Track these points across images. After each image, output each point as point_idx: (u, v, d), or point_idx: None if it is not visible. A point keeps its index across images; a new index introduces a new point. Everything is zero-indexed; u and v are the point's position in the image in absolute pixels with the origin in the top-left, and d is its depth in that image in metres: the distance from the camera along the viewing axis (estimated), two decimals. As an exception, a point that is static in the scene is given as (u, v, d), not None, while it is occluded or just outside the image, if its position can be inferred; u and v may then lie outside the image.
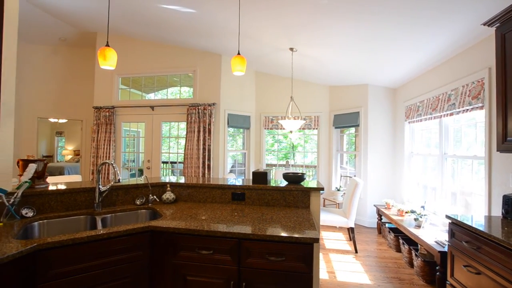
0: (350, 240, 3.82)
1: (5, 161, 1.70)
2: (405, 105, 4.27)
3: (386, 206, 4.03)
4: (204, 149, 4.38)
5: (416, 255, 2.79)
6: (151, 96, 5.23)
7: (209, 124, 4.39)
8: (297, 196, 2.10)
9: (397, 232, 3.58)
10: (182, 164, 4.68)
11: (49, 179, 2.34)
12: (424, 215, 3.06)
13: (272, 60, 4.43)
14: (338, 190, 4.55)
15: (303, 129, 5.24)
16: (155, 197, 2.11)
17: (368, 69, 4.04)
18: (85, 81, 5.35)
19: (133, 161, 5.45)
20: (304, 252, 1.44)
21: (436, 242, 2.56)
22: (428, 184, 3.75)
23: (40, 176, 1.87)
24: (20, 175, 1.81)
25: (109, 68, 2.14)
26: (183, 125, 4.83)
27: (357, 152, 4.84)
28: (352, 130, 5.17)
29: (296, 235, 1.44)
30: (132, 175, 5.40)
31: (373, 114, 4.60)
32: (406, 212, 3.54)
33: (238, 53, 2.34)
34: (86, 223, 1.81)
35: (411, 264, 3.00)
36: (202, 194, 2.22)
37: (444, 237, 2.63)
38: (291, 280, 1.43)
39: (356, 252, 3.40)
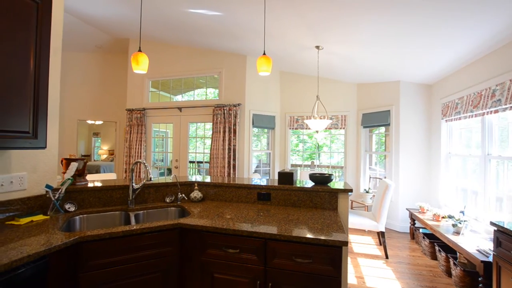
0: (380, 244, 3.65)
1: (51, 160, 1.85)
2: (441, 102, 3.98)
3: (420, 210, 3.80)
4: (229, 149, 4.44)
5: (454, 263, 2.59)
6: (179, 97, 5.42)
7: (234, 125, 4.44)
8: (324, 197, 2.04)
9: (433, 238, 3.35)
10: (208, 164, 4.79)
11: (88, 177, 2.52)
12: (464, 221, 2.83)
13: (297, 59, 4.37)
14: (367, 192, 4.37)
15: (329, 128, 5.11)
16: (183, 195, 2.17)
17: (400, 65, 3.83)
18: (119, 85, 5.69)
19: (162, 160, 5.69)
20: (333, 255, 1.40)
21: (478, 250, 2.35)
22: (468, 188, 3.46)
23: (80, 174, 2.01)
24: (64, 173, 1.96)
25: (141, 72, 2.25)
26: (209, 125, 4.94)
27: (388, 152, 4.61)
28: (382, 129, 4.93)
29: (324, 238, 1.40)
30: (161, 174, 5.64)
31: (405, 112, 4.36)
32: (443, 217, 3.30)
33: (264, 53, 2.33)
34: (121, 219, 1.92)
35: (448, 273, 2.79)
36: (229, 193, 2.25)
37: (488, 245, 2.41)
38: (318, 283, 1.39)
39: (387, 257, 3.23)
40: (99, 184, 2.04)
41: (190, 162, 5.09)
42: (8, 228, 1.45)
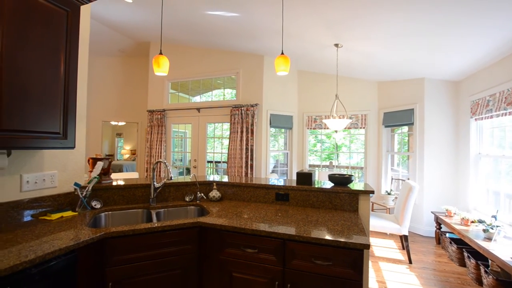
0: (403, 249, 3.50)
1: (79, 159, 1.95)
2: (470, 99, 3.76)
3: (446, 214, 3.60)
4: (247, 149, 4.46)
5: (486, 272, 2.43)
6: (197, 98, 5.52)
7: (252, 125, 4.45)
8: (344, 198, 2.00)
9: (461, 243, 3.16)
10: (225, 164, 4.84)
11: (113, 176, 2.63)
12: (497, 226, 2.65)
13: (315, 58, 4.31)
14: (389, 194, 4.21)
15: (349, 128, 4.99)
16: (202, 194, 2.21)
17: (425, 61, 3.66)
18: (140, 87, 5.89)
19: (181, 160, 5.82)
20: (353, 258, 1.36)
21: (513, 258, 2.19)
22: (501, 191, 3.24)
23: (106, 172, 2.10)
24: (90, 171, 2.06)
25: (162, 74, 2.31)
26: (226, 125, 4.99)
27: (411, 153, 4.42)
28: (405, 129, 4.74)
29: (345, 240, 1.36)
30: (180, 173, 5.77)
31: (430, 110, 4.15)
32: (473, 222, 3.11)
33: (282, 53, 2.32)
34: (143, 216, 1.99)
35: (479, 282, 2.63)
36: (247, 193, 2.25)
37: (524, 253, 2.24)
38: (338, 287, 1.36)
39: (410, 262, 3.10)
40: (122, 182, 2.12)
41: (208, 162, 5.17)
42: (41, 222, 1.55)
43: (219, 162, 5.36)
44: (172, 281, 1.57)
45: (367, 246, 1.33)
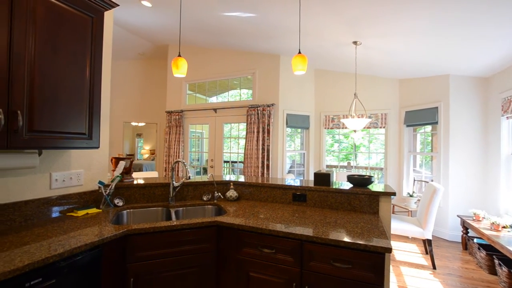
0: (427, 253, 3.35)
1: (103, 158, 2.04)
2: (501, 96, 3.53)
3: (474, 218, 3.41)
4: (263, 149, 4.46)
5: (519, 280, 2.27)
6: (214, 99, 5.59)
7: (268, 125, 4.44)
8: (363, 200, 1.94)
9: (491, 249, 2.98)
10: (241, 164, 4.86)
11: (134, 175, 2.72)
12: (531, 232, 2.47)
13: (333, 56, 4.23)
14: (411, 196, 4.05)
15: (368, 128, 4.85)
16: (219, 194, 2.23)
17: (450, 57, 3.48)
18: (159, 88, 6.06)
19: (198, 160, 5.92)
20: (374, 262, 1.32)
21: (550, 267, 2.03)
22: (536, 194, 3.01)
23: (127, 171, 2.18)
24: (113, 171, 2.14)
25: (181, 76, 2.36)
26: (242, 125, 5.02)
27: (435, 153, 4.23)
28: (428, 128, 4.54)
29: (365, 243, 1.33)
30: (197, 173, 5.87)
31: (456, 109, 3.95)
32: (504, 227, 2.92)
33: (299, 52, 2.29)
34: (162, 214, 2.04)
35: (511, 291, 2.46)
36: (264, 193, 2.25)
37: None
38: (359, 291, 1.32)
39: (434, 268, 2.96)
40: (142, 181, 2.19)
41: (225, 161, 5.22)
42: (69, 218, 1.63)
43: (235, 162, 5.40)
44: (191, 279, 1.59)
45: (389, 250, 1.29)
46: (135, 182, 2.14)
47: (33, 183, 1.60)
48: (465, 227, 3.55)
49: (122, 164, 2.08)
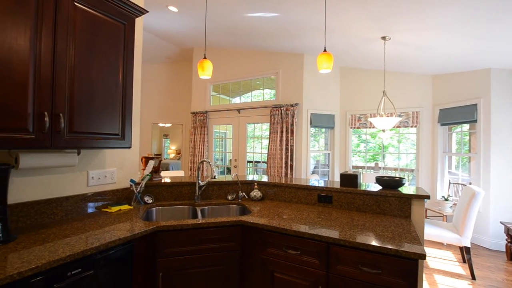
0: (464, 262, 3.11)
1: (134, 158, 2.15)
2: (552, 91, 3.18)
3: (520, 225, 3.10)
4: (286, 149, 4.42)
5: None
6: (237, 100, 5.65)
7: (292, 125, 4.40)
8: (393, 203, 1.85)
9: (541, 261, 2.69)
10: (265, 164, 4.86)
11: (161, 174, 2.84)
12: None
13: (359, 53, 4.08)
14: (446, 199, 3.78)
15: (398, 127, 4.61)
16: (244, 193, 2.25)
17: (491, 49, 3.20)
18: (184, 90, 6.27)
19: (221, 159, 6.02)
20: (406, 268, 1.25)
21: None
22: None
23: (156, 170, 2.27)
24: (143, 169, 2.25)
25: (206, 78, 2.42)
26: (265, 126, 5.02)
27: (473, 154, 3.91)
28: (465, 127, 4.21)
29: (396, 247, 1.26)
30: (221, 173, 5.97)
31: (498, 105, 3.62)
32: (557, 236, 2.62)
33: (324, 50, 2.24)
34: (189, 212, 2.10)
35: None
36: (288, 193, 2.23)
37: None
38: (390, 298, 1.26)
39: (474, 278, 2.74)
40: (169, 180, 2.27)
41: (248, 161, 5.25)
42: (103, 214, 1.74)
43: (259, 162, 5.41)
44: (216, 276, 1.62)
45: (422, 256, 1.21)
46: (163, 180, 2.22)
47: (72, 181, 1.72)
48: (510, 235, 3.24)
49: (151, 163, 2.18)
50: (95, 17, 1.50)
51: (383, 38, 3.34)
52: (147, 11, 1.80)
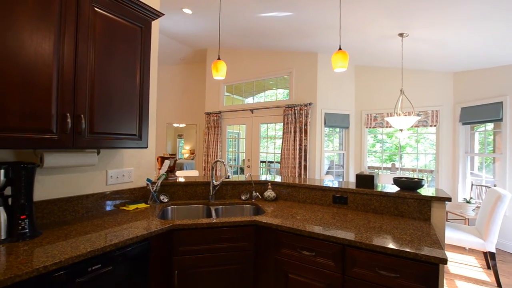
0: (489, 268, 2.96)
1: (150, 158, 2.20)
2: None
3: (551, 230, 2.92)
4: (300, 149, 4.38)
5: None
6: (250, 100, 5.67)
7: (305, 124, 4.36)
8: (412, 205, 1.79)
9: None
10: (278, 164, 4.84)
11: (177, 173, 2.89)
12: None
13: (375, 51, 3.98)
14: (468, 202, 3.62)
15: (416, 126, 4.46)
16: (257, 193, 2.25)
17: (517, 45, 3.04)
18: (198, 91, 6.35)
19: (235, 159, 6.05)
20: (426, 273, 1.20)
21: None
22: None
23: (171, 170, 2.32)
24: (159, 169, 2.30)
25: (220, 78, 2.44)
26: (279, 126, 5.00)
27: (499, 154, 3.72)
28: (489, 126, 4.01)
29: (415, 251, 1.22)
30: (234, 173, 6.00)
31: (526, 103, 3.43)
32: None
33: (340, 48, 2.20)
34: (203, 211, 2.12)
35: None
36: (302, 194, 2.21)
37: None
38: (409, 303, 1.22)
39: (499, 286, 2.60)
40: (183, 179, 2.30)
41: (261, 161, 5.25)
42: (121, 212, 1.79)
43: (272, 162, 5.40)
44: (229, 275, 1.63)
45: (444, 261, 1.16)
46: (178, 180, 2.26)
47: (92, 179, 1.78)
48: (539, 240, 3.05)
49: (167, 163, 2.22)
50: (114, 21, 1.54)
51: (401, 35, 3.24)
52: (163, 14, 1.84)
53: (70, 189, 1.66)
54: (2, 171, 1.21)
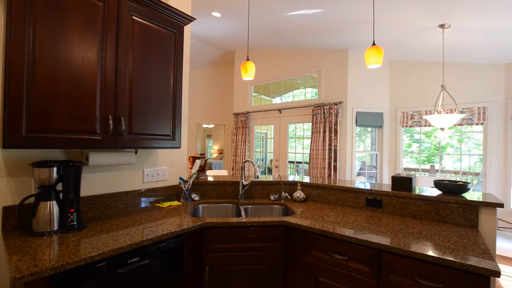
0: (549, 284, 2.62)
1: (182, 157, 2.29)
2: None
3: None
4: (329, 149, 4.26)
5: None
6: (278, 100, 5.64)
7: (335, 124, 4.23)
8: (456, 210, 1.64)
9: None
10: (306, 164, 4.75)
11: (207, 173, 2.97)
12: None
13: (412, 45, 3.73)
14: (523, 208, 3.24)
15: (459, 125, 4.10)
16: (286, 194, 2.23)
17: None
18: (226, 92, 6.47)
19: (262, 160, 6.07)
20: (474, 286, 1.10)
21: None
22: None
23: (202, 169, 2.39)
24: (190, 168, 2.38)
25: (249, 79, 2.46)
26: (307, 125, 4.91)
27: (561, 156, 3.27)
28: (550, 123, 3.55)
29: (461, 261, 1.12)
30: (262, 173, 6.02)
31: None
32: None
33: (373, 44, 2.10)
34: (232, 211, 2.16)
35: None
36: (332, 196, 2.14)
37: None
38: (453, 317, 1.12)
39: None
40: (211, 179, 2.36)
41: (289, 162, 5.20)
42: (156, 209, 1.88)
43: (300, 162, 5.32)
44: (258, 275, 1.63)
45: (496, 274, 1.05)
46: (208, 179, 2.32)
47: (130, 177, 1.90)
48: None
49: (198, 162, 2.29)
50: (150, 28, 1.63)
51: (441, 26, 3.00)
52: (195, 19, 1.90)
53: (111, 186, 1.79)
54: (55, 168, 1.34)
